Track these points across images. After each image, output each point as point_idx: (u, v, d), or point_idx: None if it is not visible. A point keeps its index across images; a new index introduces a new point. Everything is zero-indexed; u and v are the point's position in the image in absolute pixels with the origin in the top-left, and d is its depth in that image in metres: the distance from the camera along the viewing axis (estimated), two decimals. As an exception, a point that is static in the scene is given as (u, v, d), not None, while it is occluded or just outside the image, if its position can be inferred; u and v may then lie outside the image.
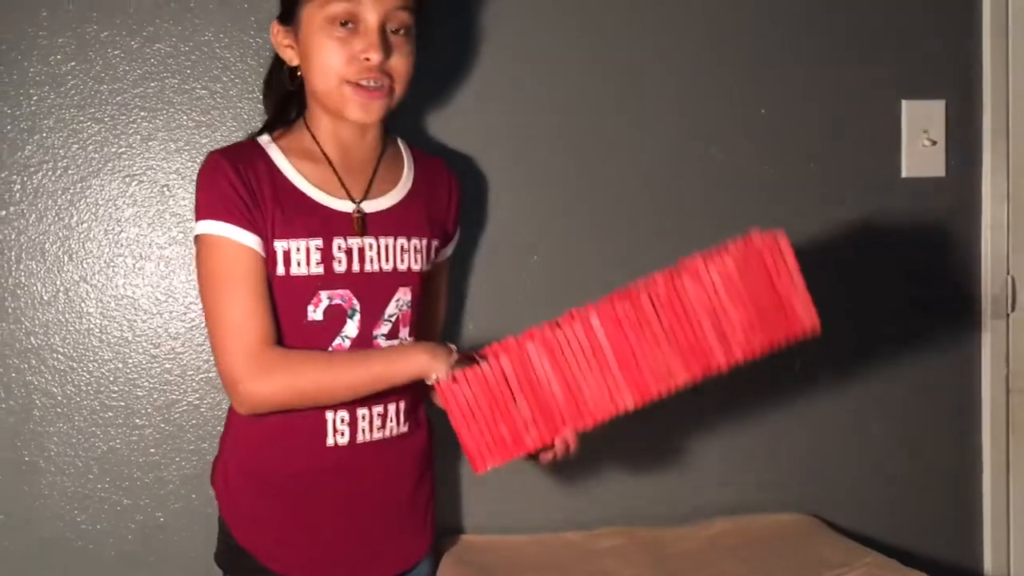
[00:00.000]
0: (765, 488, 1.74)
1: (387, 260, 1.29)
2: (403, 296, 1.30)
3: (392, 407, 1.31)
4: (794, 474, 1.76)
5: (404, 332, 1.31)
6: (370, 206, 1.29)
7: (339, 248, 1.26)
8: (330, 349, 1.26)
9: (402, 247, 1.30)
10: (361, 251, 1.27)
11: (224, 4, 1.51)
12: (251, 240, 1.22)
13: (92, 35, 1.48)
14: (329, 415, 1.26)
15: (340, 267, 1.26)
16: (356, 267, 1.27)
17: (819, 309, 1.72)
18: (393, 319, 1.30)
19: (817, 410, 1.77)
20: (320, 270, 1.25)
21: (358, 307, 1.27)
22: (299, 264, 1.24)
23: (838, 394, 1.77)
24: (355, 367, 1.23)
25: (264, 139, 1.30)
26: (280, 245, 1.23)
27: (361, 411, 1.28)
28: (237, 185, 1.22)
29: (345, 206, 1.28)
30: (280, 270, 1.24)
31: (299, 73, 1.29)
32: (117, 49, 1.49)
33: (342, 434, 1.27)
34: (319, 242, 1.25)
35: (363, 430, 1.28)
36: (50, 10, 1.47)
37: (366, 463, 1.28)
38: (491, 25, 1.60)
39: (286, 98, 1.34)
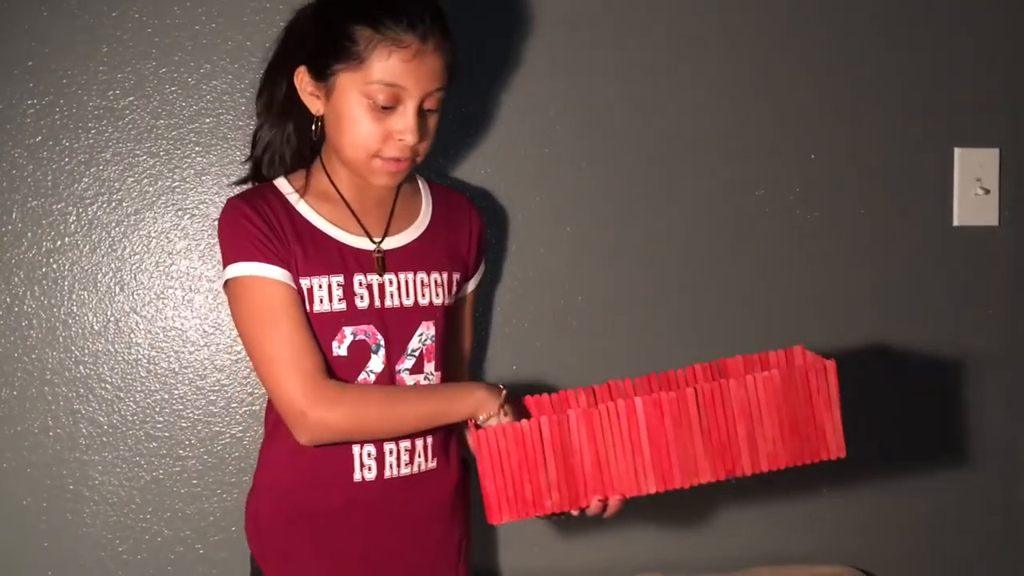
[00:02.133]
0: (807, 539, 1.71)
1: (408, 295, 1.30)
2: (426, 330, 1.31)
3: (420, 442, 1.30)
4: (837, 525, 1.73)
5: (429, 367, 1.32)
6: (389, 243, 1.30)
7: (360, 284, 1.27)
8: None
9: (422, 282, 1.31)
10: (381, 287, 1.28)
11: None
12: (284, 275, 1.23)
13: (151, 71, 1.51)
14: (356, 449, 1.27)
15: (362, 303, 1.27)
16: (378, 303, 1.28)
17: (869, 359, 1.71)
18: (416, 353, 1.30)
19: (861, 463, 1.73)
20: (343, 306, 1.26)
21: (382, 342, 1.28)
22: (322, 301, 1.25)
23: (884, 447, 1.74)
24: (417, 401, 1.24)
25: (280, 183, 1.31)
26: (304, 283, 1.25)
27: (388, 446, 1.28)
28: (260, 225, 1.24)
29: (364, 244, 1.29)
30: (305, 307, 1.25)
31: (319, 122, 1.28)
32: (174, 85, 1.52)
33: (369, 469, 1.27)
34: (340, 278, 1.26)
35: (390, 465, 1.28)
36: (110, 46, 1.50)
37: (395, 499, 1.28)
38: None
39: (299, 121, 1.32)
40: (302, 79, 1.27)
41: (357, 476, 1.27)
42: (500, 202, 1.61)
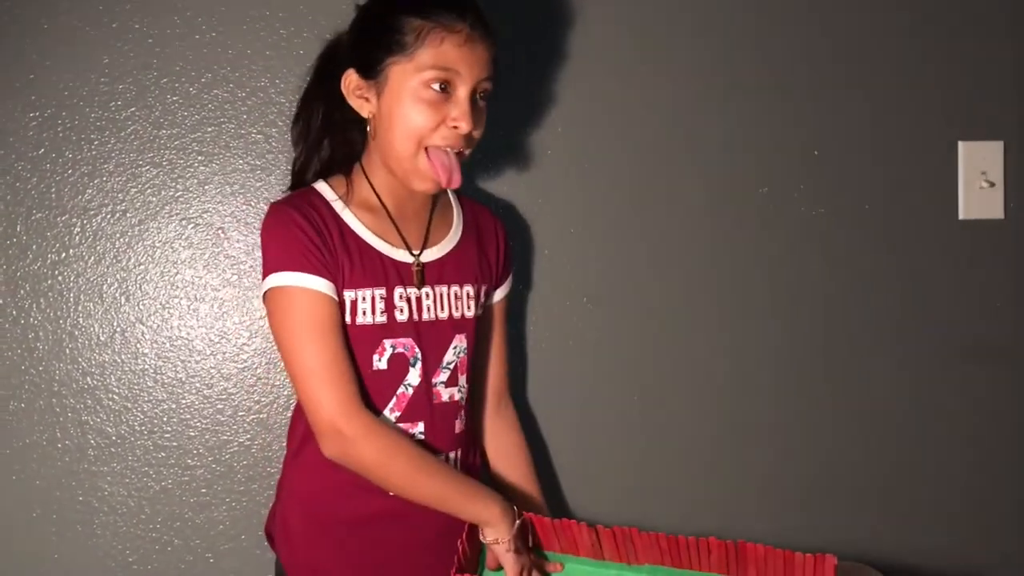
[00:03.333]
0: (817, 534, 1.71)
1: (443, 308, 1.30)
2: (460, 343, 1.31)
3: (452, 455, 1.31)
4: (849, 520, 1.73)
5: (462, 379, 1.32)
6: (426, 256, 1.30)
7: (400, 297, 1.27)
8: (395, 397, 1.27)
9: (455, 294, 1.31)
10: (419, 300, 1.28)
11: (280, 50, 1.53)
12: (330, 288, 1.23)
13: (152, 81, 1.51)
14: None
15: (402, 316, 1.27)
16: (416, 316, 1.28)
17: (874, 354, 1.71)
18: (452, 366, 1.31)
19: (864, 454, 1.73)
20: (384, 319, 1.26)
21: (419, 355, 1.28)
22: (364, 313, 1.25)
23: (888, 439, 1.74)
24: (439, 481, 1.24)
25: (323, 188, 1.30)
26: (348, 295, 1.24)
27: None
28: (311, 234, 1.23)
29: (403, 256, 1.29)
30: (347, 319, 1.25)
31: (369, 125, 1.28)
32: (176, 95, 1.52)
33: None
34: (382, 291, 1.26)
35: None
36: (111, 57, 1.50)
37: (427, 511, 1.27)
38: (541, 70, 1.61)
39: (338, 127, 1.32)
40: (350, 81, 1.26)
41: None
42: (522, 214, 1.61)
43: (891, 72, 1.72)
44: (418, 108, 1.22)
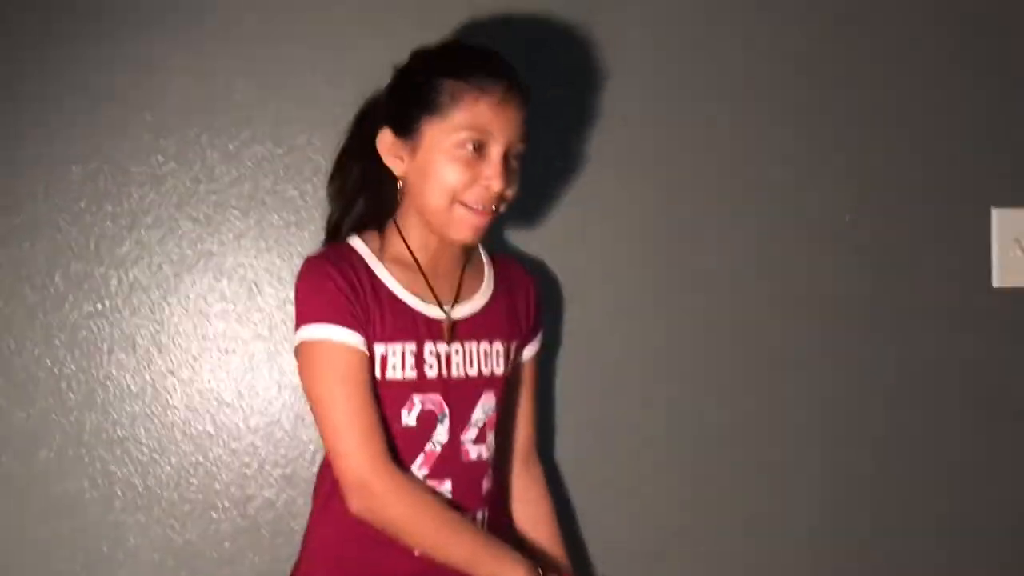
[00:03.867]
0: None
1: (472, 365, 1.30)
2: (488, 401, 1.31)
3: (479, 514, 1.30)
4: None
5: (491, 437, 1.32)
6: (457, 312, 1.31)
7: (430, 353, 1.27)
8: (422, 454, 1.27)
9: (485, 352, 1.31)
10: (449, 356, 1.28)
11: (319, 109, 1.56)
12: (362, 343, 1.23)
13: (193, 137, 1.54)
14: None
15: (431, 372, 1.27)
16: (445, 372, 1.28)
17: (914, 425, 1.68)
18: (480, 424, 1.30)
19: (903, 518, 1.70)
20: (413, 375, 1.26)
21: (447, 412, 1.28)
22: (395, 368, 1.25)
23: (927, 507, 1.71)
24: (466, 543, 1.23)
25: (357, 243, 1.32)
26: (379, 348, 1.25)
27: None
28: (344, 288, 1.23)
29: (435, 312, 1.29)
30: (377, 374, 1.25)
31: (400, 185, 1.30)
32: (215, 151, 1.55)
33: None
34: (413, 346, 1.26)
35: None
36: (154, 114, 1.54)
37: (453, 571, 1.25)
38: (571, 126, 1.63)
39: (374, 185, 1.34)
40: (385, 140, 1.29)
41: (418, 551, 1.25)
42: (552, 270, 1.62)
43: (924, 135, 1.72)
44: (452, 167, 1.24)
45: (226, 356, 1.55)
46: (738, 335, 1.67)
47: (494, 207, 1.26)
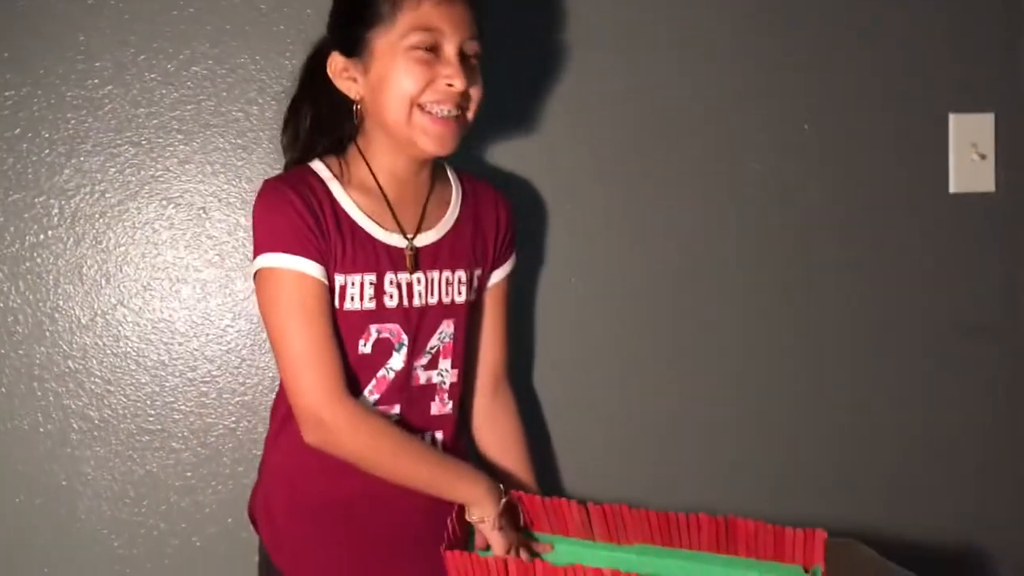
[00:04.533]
0: (812, 510, 1.70)
1: (432, 294, 1.28)
2: (446, 328, 1.29)
3: (428, 435, 1.30)
4: (842, 497, 1.72)
5: (445, 363, 1.30)
6: (420, 240, 1.28)
7: (390, 283, 1.25)
8: (374, 380, 1.26)
9: (447, 280, 1.29)
10: (410, 286, 1.26)
11: (260, 26, 1.50)
12: (321, 272, 1.21)
13: (129, 59, 1.48)
14: None
15: (391, 302, 1.25)
16: (406, 302, 1.26)
17: (865, 328, 1.70)
18: (433, 351, 1.29)
19: (856, 431, 1.72)
20: (372, 305, 1.24)
21: (405, 341, 1.26)
22: (352, 299, 1.23)
23: (879, 414, 1.73)
24: (424, 465, 1.23)
25: (319, 167, 1.27)
26: (338, 279, 1.22)
27: None
28: (306, 216, 1.20)
29: (397, 241, 1.26)
30: (335, 304, 1.22)
31: (357, 107, 1.26)
32: (154, 72, 1.49)
33: None
34: (372, 277, 1.24)
35: None
36: (87, 34, 1.47)
37: (411, 492, 1.25)
38: (551, 41, 1.58)
39: (327, 126, 1.31)
40: (335, 64, 1.25)
41: None
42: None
43: (881, 45, 1.70)
44: (406, 71, 1.20)
45: (177, 285, 1.51)
46: (713, 247, 1.66)
47: (459, 109, 1.22)
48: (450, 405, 1.32)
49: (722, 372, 1.68)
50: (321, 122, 1.30)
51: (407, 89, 1.20)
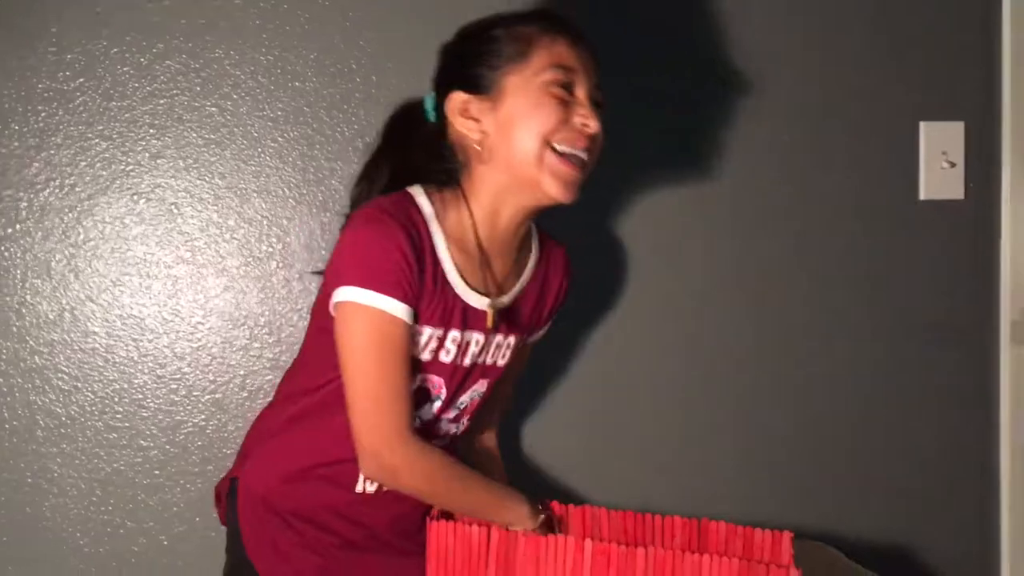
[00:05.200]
0: (780, 512, 1.72)
1: (484, 355, 1.27)
2: (479, 388, 1.29)
3: None
4: (808, 500, 1.73)
5: (465, 418, 1.31)
6: (499, 301, 1.27)
7: (452, 340, 1.23)
8: None
9: (497, 343, 1.28)
10: (468, 344, 1.25)
11: (235, 21, 1.49)
12: (410, 316, 1.18)
13: (102, 51, 1.47)
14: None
15: (446, 357, 1.24)
16: (458, 359, 1.25)
17: (835, 333, 1.71)
18: (462, 407, 1.29)
19: (827, 433, 1.74)
20: (429, 357, 1.23)
21: (443, 395, 1.26)
22: (414, 346, 1.21)
23: (850, 418, 1.74)
24: (474, 492, 1.24)
25: (422, 201, 1.23)
26: (415, 328, 1.21)
27: None
28: (411, 261, 1.17)
29: (476, 300, 1.24)
30: None
31: (476, 147, 1.22)
32: (127, 66, 1.47)
33: (371, 482, 1.25)
34: (440, 332, 1.22)
35: None
36: (59, 26, 1.45)
37: (390, 503, 1.26)
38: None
39: (402, 185, 1.26)
40: (455, 103, 1.21)
41: (359, 488, 1.25)
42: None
43: (853, 53, 1.71)
44: (544, 107, 1.18)
45: (148, 280, 1.50)
46: (687, 254, 1.66)
47: (587, 155, 1.20)
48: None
49: (691, 377, 1.68)
50: (397, 183, 1.27)
51: (543, 124, 1.18)
